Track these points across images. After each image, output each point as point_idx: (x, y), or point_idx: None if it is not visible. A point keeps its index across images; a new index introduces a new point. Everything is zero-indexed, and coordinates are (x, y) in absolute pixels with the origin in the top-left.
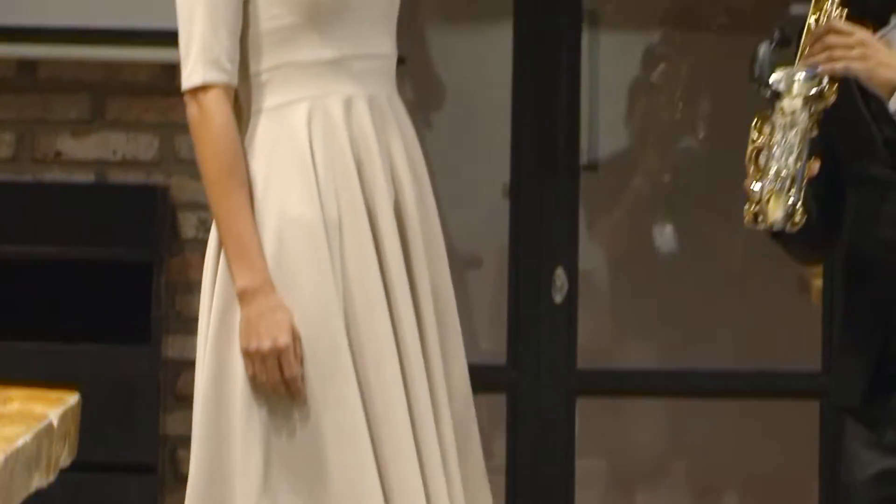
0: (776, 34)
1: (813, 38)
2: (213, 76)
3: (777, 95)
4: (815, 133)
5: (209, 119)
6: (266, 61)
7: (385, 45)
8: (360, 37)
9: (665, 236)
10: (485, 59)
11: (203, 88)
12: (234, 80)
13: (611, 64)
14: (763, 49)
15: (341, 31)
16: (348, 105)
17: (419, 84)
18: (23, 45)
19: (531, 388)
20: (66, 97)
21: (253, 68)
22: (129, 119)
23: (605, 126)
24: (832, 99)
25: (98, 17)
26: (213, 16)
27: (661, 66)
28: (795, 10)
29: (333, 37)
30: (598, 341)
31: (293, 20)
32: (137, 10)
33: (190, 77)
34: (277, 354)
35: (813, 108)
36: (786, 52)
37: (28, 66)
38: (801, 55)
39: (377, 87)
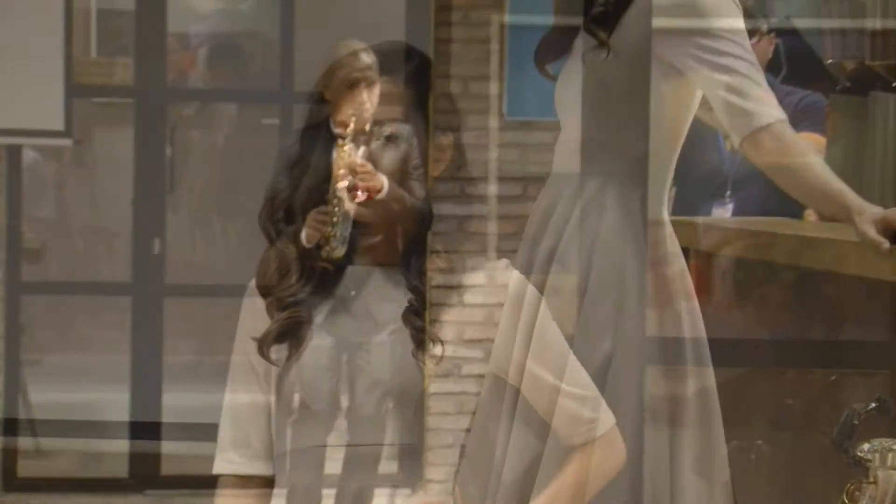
0: (873, 402)
1: None
2: (219, 467)
3: (866, 466)
4: None
5: None
6: None
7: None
8: None
9: None
10: None
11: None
12: (244, 469)
13: None
14: (853, 414)
15: None
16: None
17: None
18: None
19: None
20: None
21: None
22: None
23: None
24: None
25: None
26: (230, 412)
27: None
28: None
29: None
30: None
31: None
32: None
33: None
34: None
35: None
36: (881, 420)
37: None
38: None
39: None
